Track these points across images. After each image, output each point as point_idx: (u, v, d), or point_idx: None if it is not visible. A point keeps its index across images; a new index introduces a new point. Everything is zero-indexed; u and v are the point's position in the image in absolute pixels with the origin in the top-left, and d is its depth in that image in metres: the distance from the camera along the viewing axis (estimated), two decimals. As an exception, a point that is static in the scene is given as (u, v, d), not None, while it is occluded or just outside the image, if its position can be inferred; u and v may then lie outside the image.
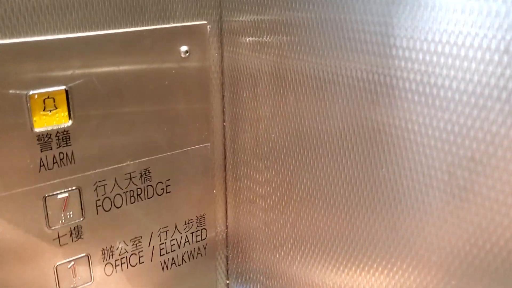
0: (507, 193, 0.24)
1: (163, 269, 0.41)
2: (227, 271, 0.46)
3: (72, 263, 0.36)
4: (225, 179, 0.43)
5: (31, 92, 0.31)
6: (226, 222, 0.45)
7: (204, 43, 0.38)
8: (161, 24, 0.36)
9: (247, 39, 0.37)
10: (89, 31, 0.32)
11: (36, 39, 0.31)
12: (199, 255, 0.44)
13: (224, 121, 0.41)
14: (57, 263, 0.35)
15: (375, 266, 0.32)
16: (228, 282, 0.47)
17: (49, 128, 0.32)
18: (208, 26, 0.38)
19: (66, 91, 0.32)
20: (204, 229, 0.43)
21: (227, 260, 0.46)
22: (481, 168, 0.25)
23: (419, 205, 0.28)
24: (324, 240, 0.35)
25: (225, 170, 0.43)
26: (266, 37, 0.35)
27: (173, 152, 0.39)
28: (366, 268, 0.33)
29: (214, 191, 0.43)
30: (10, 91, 0.30)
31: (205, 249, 0.44)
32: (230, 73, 0.40)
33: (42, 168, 0.33)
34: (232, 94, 0.40)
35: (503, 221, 0.24)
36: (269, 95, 0.37)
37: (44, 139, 0.32)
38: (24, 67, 0.30)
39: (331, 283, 0.36)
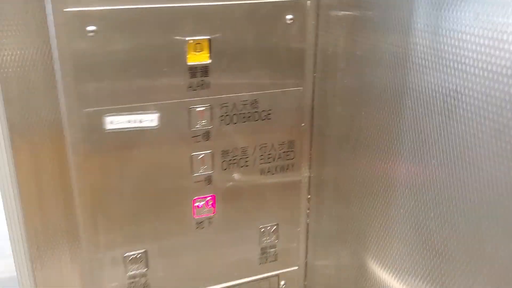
0: None
1: (261, 173, 0.59)
2: (309, 187, 0.62)
3: (202, 155, 0.55)
4: (312, 117, 0.59)
5: (187, 39, 0.49)
6: (310, 148, 0.60)
7: (303, 14, 0.54)
8: (273, -1, 0.52)
9: (340, 13, 0.52)
10: (225, 1, 0.50)
11: (192, 5, 0.49)
12: (287, 169, 0.60)
13: (314, 72, 0.57)
14: (192, 153, 0.54)
15: None
16: (309, 196, 0.63)
17: (196, 63, 0.51)
18: (308, 1, 0.54)
19: (209, 40, 0.50)
20: (292, 151, 0.59)
21: (309, 179, 0.62)
22: None
23: None
24: (371, 159, 0.49)
25: (312, 110, 0.58)
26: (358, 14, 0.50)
27: (275, 90, 0.55)
28: None
29: (303, 124, 0.59)
30: (177, 37, 0.49)
31: (292, 166, 0.60)
32: (323, 39, 0.55)
33: (190, 88, 0.51)
34: (323, 51, 0.55)
35: None
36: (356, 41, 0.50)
37: (192, 70, 0.51)
38: (186, 23, 0.49)
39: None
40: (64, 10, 0.44)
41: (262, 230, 0.61)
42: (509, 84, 0.32)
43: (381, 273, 0.52)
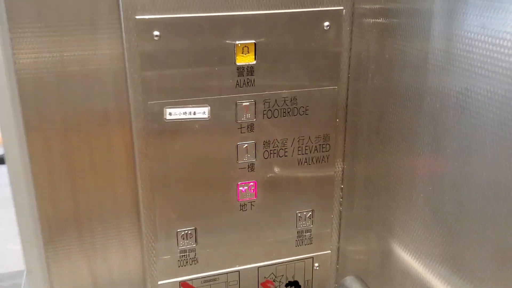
0: None
1: (298, 163, 0.65)
2: (342, 177, 0.69)
3: (246, 145, 0.62)
4: (346, 113, 0.65)
5: (237, 42, 0.57)
6: (344, 142, 0.67)
7: (339, 21, 0.60)
8: (312, 8, 0.59)
9: (372, 21, 0.59)
10: (269, 10, 0.57)
11: (241, 13, 0.56)
12: (323, 161, 0.67)
13: (348, 73, 0.63)
14: (238, 143, 0.62)
15: None
16: (342, 186, 0.69)
17: (243, 64, 0.58)
18: (344, 10, 0.60)
19: (255, 43, 0.58)
20: (328, 144, 0.66)
21: (342, 170, 0.68)
22: None
23: None
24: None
25: (346, 107, 0.65)
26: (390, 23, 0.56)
27: (312, 89, 0.62)
28: None
29: (337, 120, 0.65)
30: (227, 41, 0.56)
31: (327, 158, 0.67)
32: (356, 44, 0.61)
33: (237, 86, 0.59)
34: (356, 55, 0.62)
35: None
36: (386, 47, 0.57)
37: (240, 70, 0.58)
38: (235, 29, 0.56)
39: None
40: (136, 17, 0.52)
41: (298, 215, 0.68)
42: (509, 82, 0.38)
43: (404, 256, 0.58)
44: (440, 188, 0.48)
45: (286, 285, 0.72)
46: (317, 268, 0.72)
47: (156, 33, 0.54)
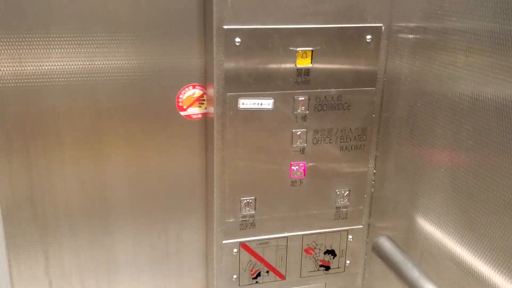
0: None
1: (340, 149, 0.80)
2: (375, 163, 0.83)
3: (299, 132, 0.77)
4: (381, 110, 0.80)
5: (298, 49, 0.72)
6: (378, 133, 0.81)
7: (379, 35, 0.75)
8: (358, 24, 0.74)
9: (405, 36, 0.74)
10: (323, 25, 0.72)
11: (302, 27, 0.72)
12: (360, 148, 0.81)
13: (384, 77, 0.78)
14: (293, 130, 0.77)
15: None
16: (375, 171, 0.84)
17: (302, 66, 0.73)
18: (383, 27, 0.75)
19: (312, 50, 0.73)
20: (365, 135, 0.81)
21: (375, 157, 0.83)
22: None
23: None
24: (422, 138, 0.70)
25: (381, 105, 0.80)
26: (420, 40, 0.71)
27: (354, 89, 0.77)
28: None
29: (373, 115, 0.80)
30: (291, 48, 0.72)
31: (364, 146, 0.81)
32: (392, 54, 0.76)
33: (295, 83, 0.74)
34: (391, 63, 0.77)
35: None
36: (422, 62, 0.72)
37: (299, 71, 0.74)
38: (297, 38, 0.72)
39: (423, 161, 0.70)
40: (224, 27, 0.68)
41: (337, 193, 0.83)
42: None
43: (426, 225, 0.72)
44: (458, 160, 0.63)
45: (325, 252, 0.86)
46: (351, 240, 0.86)
47: (238, 39, 0.69)
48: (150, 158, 0.78)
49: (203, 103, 0.78)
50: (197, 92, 0.77)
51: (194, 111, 0.78)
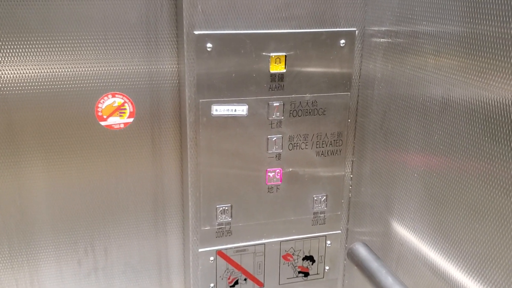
0: None
1: (316, 155, 0.80)
2: (352, 167, 0.83)
3: (275, 138, 0.77)
4: (356, 115, 0.80)
5: (271, 54, 0.72)
6: (354, 138, 0.81)
7: (353, 40, 0.75)
8: (331, 28, 0.74)
9: (378, 40, 0.73)
10: (297, 30, 0.72)
11: (275, 32, 0.71)
12: (336, 153, 0.81)
13: (358, 81, 0.78)
14: (268, 136, 0.76)
15: None
16: (351, 176, 0.83)
17: (276, 71, 0.73)
18: (356, 31, 0.75)
19: (285, 56, 0.72)
20: (341, 139, 0.80)
21: (352, 161, 0.82)
22: None
23: None
24: (397, 143, 0.70)
25: (356, 110, 0.79)
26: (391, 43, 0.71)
27: (329, 94, 0.77)
28: None
29: (349, 120, 0.79)
30: (264, 53, 0.71)
31: (340, 151, 0.81)
32: (366, 58, 0.76)
33: (270, 89, 0.74)
34: (365, 67, 0.76)
35: None
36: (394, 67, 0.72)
37: (273, 76, 0.73)
38: (270, 43, 0.71)
39: (398, 165, 0.70)
40: (194, 32, 0.68)
41: (314, 199, 0.82)
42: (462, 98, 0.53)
43: (402, 229, 0.72)
44: (431, 167, 0.63)
45: (303, 258, 0.85)
46: (329, 245, 0.86)
47: (209, 45, 0.69)
48: (72, 169, 0.75)
49: (124, 113, 0.74)
50: (117, 101, 0.74)
51: (115, 120, 0.74)
